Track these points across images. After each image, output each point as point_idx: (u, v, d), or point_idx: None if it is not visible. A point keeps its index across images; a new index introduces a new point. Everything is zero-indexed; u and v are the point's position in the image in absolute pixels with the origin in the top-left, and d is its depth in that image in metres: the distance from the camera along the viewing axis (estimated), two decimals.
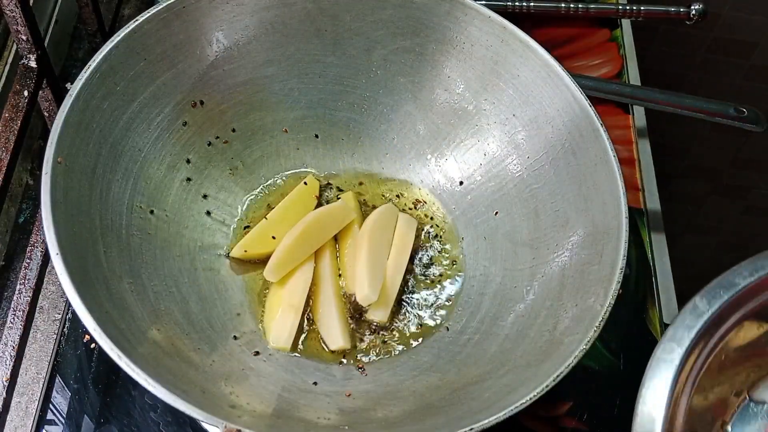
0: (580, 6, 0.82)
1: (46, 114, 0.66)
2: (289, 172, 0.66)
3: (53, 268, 0.48)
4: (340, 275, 0.61)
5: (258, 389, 0.53)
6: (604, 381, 0.64)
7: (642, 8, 0.81)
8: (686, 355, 0.45)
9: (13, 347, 0.56)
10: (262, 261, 0.60)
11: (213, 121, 0.63)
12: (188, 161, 0.61)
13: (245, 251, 0.60)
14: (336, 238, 0.62)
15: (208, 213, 0.62)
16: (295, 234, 0.59)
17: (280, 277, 0.59)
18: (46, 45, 0.62)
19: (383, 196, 0.66)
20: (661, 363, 0.45)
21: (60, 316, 0.62)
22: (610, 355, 0.65)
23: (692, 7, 0.81)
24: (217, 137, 0.63)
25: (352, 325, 0.59)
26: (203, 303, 0.57)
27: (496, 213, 0.62)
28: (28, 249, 0.60)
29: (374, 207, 0.64)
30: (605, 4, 0.84)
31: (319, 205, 0.64)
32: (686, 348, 0.45)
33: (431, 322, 0.60)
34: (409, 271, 0.62)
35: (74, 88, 0.53)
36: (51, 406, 0.59)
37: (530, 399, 0.47)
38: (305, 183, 0.64)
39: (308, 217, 0.61)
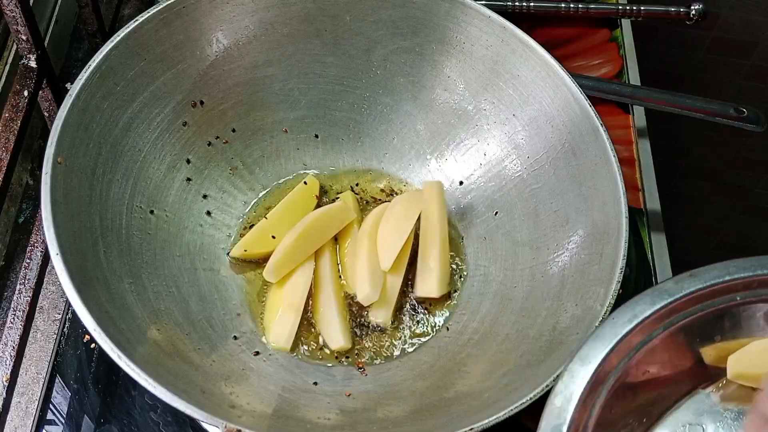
0: (580, 6, 0.82)
1: (46, 114, 0.66)
2: (289, 172, 0.66)
3: (53, 268, 0.48)
4: (340, 276, 0.61)
5: (258, 389, 0.53)
6: None
7: (642, 8, 0.81)
8: (575, 415, 0.44)
9: (13, 347, 0.56)
10: (262, 261, 0.60)
11: (213, 121, 0.63)
12: (188, 161, 0.61)
13: (245, 250, 0.60)
14: (336, 238, 0.62)
15: (209, 213, 0.62)
16: (294, 235, 0.59)
17: (280, 278, 0.59)
18: (46, 45, 0.62)
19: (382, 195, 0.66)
20: (551, 426, 0.44)
21: (60, 316, 0.62)
22: None
23: (692, 7, 0.81)
24: (217, 137, 0.63)
25: (352, 326, 0.59)
26: (203, 303, 0.57)
27: (496, 213, 0.62)
28: (28, 249, 0.60)
29: (374, 206, 0.64)
30: (605, 4, 0.84)
31: (319, 204, 0.64)
32: (574, 408, 0.44)
33: (431, 323, 0.60)
34: (409, 271, 0.62)
35: (74, 88, 0.53)
36: (51, 406, 0.59)
37: (530, 399, 0.47)
38: (305, 183, 0.64)
39: (308, 218, 0.61)
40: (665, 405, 0.50)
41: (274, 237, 0.61)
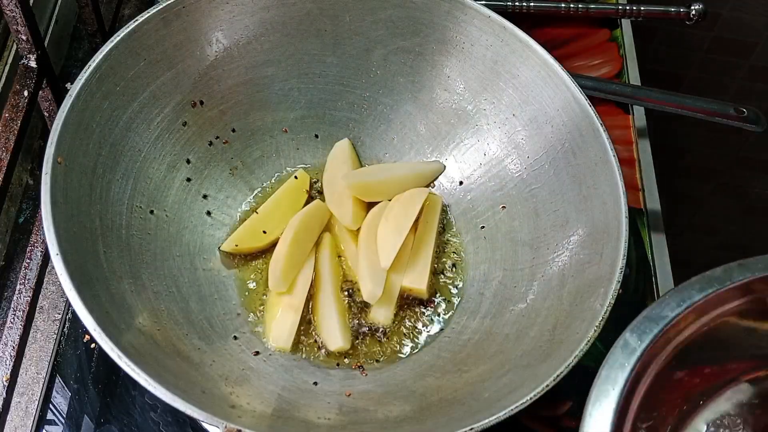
0: (580, 6, 0.82)
1: (46, 114, 0.66)
2: (289, 172, 0.66)
3: (53, 268, 0.48)
4: (342, 277, 0.61)
5: (258, 389, 0.53)
6: None
7: (642, 8, 0.81)
8: (621, 399, 0.44)
9: (13, 347, 0.56)
10: (253, 256, 0.60)
11: (213, 121, 0.63)
12: (188, 161, 0.61)
13: (236, 245, 0.60)
14: (336, 239, 0.62)
15: (209, 213, 0.62)
16: (287, 241, 0.59)
17: (289, 285, 0.59)
18: (46, 45, 0.62)
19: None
20: (597, 408, 0.44)
21: (60, 316, 0.62)
22: None
23: (692, 7, 0.81)
24: (217, 137, 0.63)
25: (352, 326, 0.59)
26: (203, 303, 0.57)
27: (503, 207, 0.62)
28: (28, 249, 0.60)
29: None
30: (605, 4, 0.84)
31: (310, 199, 0.64)
32: (620, 390, 0.44)
33: (432, 323, 0.60)
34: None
35: (74, 88, 0.53)
36: (51, 406, 0.59)
37: (530, 399, 0.47)
38: (295, 177, 0.64)
39: (294, 221, 0.60)
40: (707, 393, 0.50)
41: (265, 232, 0.61)
